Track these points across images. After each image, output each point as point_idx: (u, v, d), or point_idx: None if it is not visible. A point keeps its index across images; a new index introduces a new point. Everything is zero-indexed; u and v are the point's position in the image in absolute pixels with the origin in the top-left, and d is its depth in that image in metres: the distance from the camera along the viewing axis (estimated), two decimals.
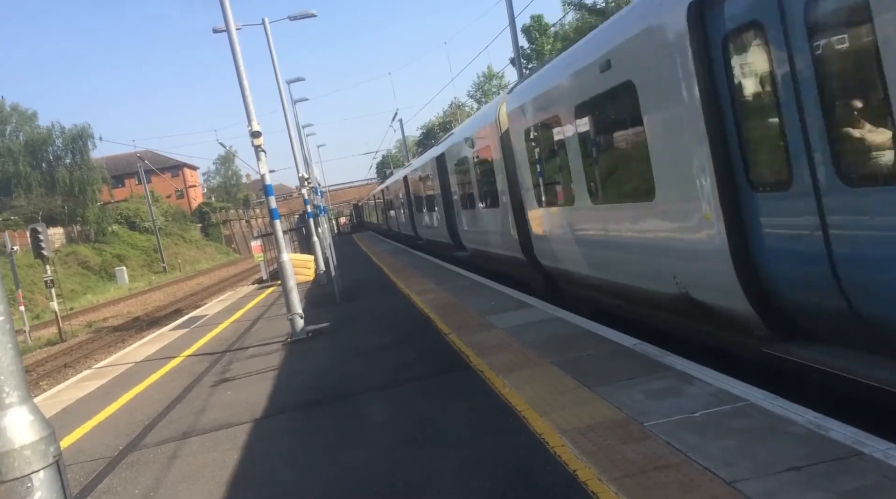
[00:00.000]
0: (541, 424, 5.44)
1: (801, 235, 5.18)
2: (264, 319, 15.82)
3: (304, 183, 20.56)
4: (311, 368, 9.50)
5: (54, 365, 20.11)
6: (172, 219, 72.78)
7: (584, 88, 8.52)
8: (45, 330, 29.68)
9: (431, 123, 76.21)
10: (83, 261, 52.33)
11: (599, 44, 8.06)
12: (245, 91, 11.87)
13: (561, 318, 9.33)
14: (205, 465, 6.12)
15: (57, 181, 57.15)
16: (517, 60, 24.73)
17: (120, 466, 6.54)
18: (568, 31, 46.25)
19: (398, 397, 7.19)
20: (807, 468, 3.93)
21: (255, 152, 11.92)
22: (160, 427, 7.68)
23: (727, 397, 5.26)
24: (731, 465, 4.14)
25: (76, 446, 7.48)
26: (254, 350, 11.65)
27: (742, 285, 5.83)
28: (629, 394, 5.73)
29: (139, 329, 25.42)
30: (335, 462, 5.62)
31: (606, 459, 4.58)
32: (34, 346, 25.94)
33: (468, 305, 11.73)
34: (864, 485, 3.67)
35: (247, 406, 7.84)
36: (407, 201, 31.23)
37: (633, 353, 6.99)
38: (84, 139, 59.15)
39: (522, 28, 48.36)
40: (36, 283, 37.59)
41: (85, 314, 34.72)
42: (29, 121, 59.90)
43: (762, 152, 5.69)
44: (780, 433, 4.46)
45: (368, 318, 12.93)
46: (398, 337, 10.32)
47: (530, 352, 7.75)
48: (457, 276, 16.62)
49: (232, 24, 11.99)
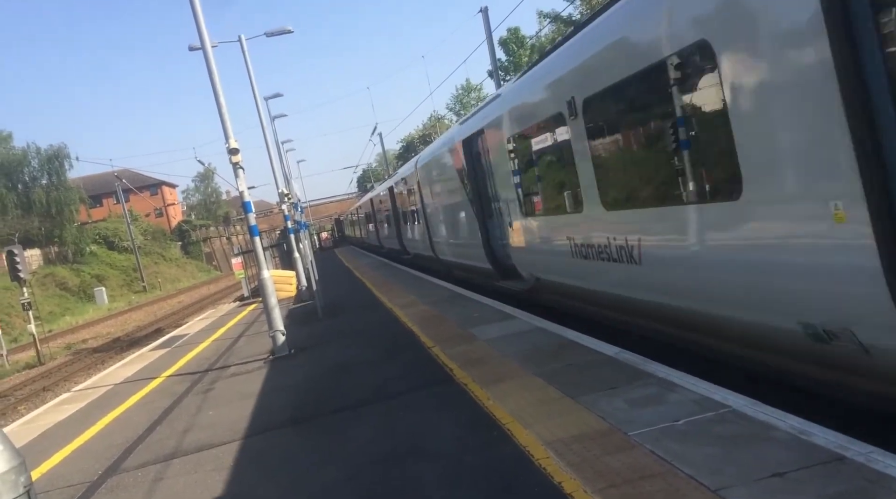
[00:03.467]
0: (525, 436, 5.42)
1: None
2: (246, 336, 15.67)
3: (284, 199, 20.49)
4: (293, 385, 9.40)
5: (32, 389, 19.79)
6: (152, 237, 72.20)
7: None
8: (23, 353, 29.22)
9: (411, 136, 76.31)
10: (61, 282, 51.68)
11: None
12: (222, 108, 11.80)
13: (543, 328, 9.33)
14: (187, 487, 6.02)
15: (33, 202, 56.53)
16: (495, 73, 24.91)
17: (99, 491, 6.41)
18: (545, 43, 46.58)
19: (382, 412, 7.13)
20: (791, 474, 3.94)
21: (234, 169, 11.85)
22: (140, 450, 7.56)
23: (709, 403, 5.27)
24: (715, 472, 4.14)
25: (54, 472, 7.34)
26: (235, 369, 11.52)
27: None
28: (612, 403, 5.73)
29: (119, 350, 25.09)
30: (318, 479, 5.55)
31: (591, 469, 4.56)
32: (12, 370, 25.51)
33: (451, 318, 11.70)
34: (847, 489, 3.68)
35: (229, 426, 7.74)
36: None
37: (616, 361, 6.99)
38: (60, 159, 58.69)
39: (500, 41, 48.63)
40: (13, 305, 37.07)
41: (64, 336, 34.24)
42: (3, 142, 59.23)
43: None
44: (763, 439, 4.47)
45: (351, 333, 12.86)
46: (381, 352, 10.26)
47: (513, 363, 7.73)
48: (438, 288, 16.59)
49: (207, 42, 11.94)
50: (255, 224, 12.32)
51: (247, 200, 12.17)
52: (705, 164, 5.99)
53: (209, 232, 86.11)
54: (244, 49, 21.03)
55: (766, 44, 4.83)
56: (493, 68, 24.78)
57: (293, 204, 22.29)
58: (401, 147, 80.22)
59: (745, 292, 5.49)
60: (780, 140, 4.88)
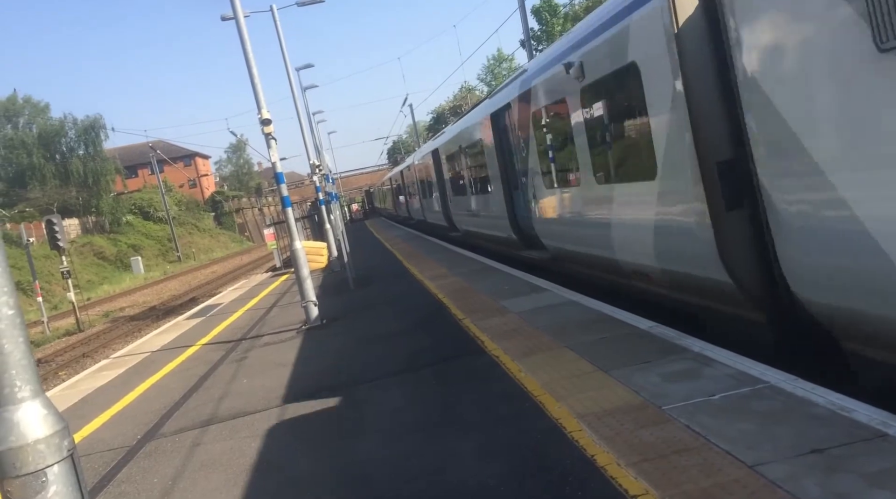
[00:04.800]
0: (557, 408, 5.40)
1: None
2: (279, 306, 15.86)
3: (315, 170, 20.54)
4: (325, 354, 9.51)
5: (72, 355, 20.31)
6: (186, 208, 73.17)
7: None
8: (63, 320, 29.99)
9: (442, 108, 75.87)
10: (99, 251, 52.79)
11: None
12: (254, 79, 11.81)
13: (575, 301, 9.27)
14: (223, 453, 6.14)
15: (71, 173, 57.56)
16: (527, 42, 24.52)
17: (138, 455, 6.58)
18: (578, 11, 45.71)
19: (413, 382, 7.17)
20: (830, 450, 3.87)
21: (266, 140, 11.89)
22: (178, 416, 7.73)
23: (746, 378, 5.19)
24: (752, 448, 4.08)
25: (95, 436, 7.54)
26: (268, 338, 11.68)
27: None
28: (646, 377, 5.67)
29: (155, 318, 25.61)
30: (353, 448, 5.62)
31: (625, 443, 4.53)
32: (52, 336, 26.21)
33: (481, 290, 11.68)
34: (890, 467, 3.60)
35: (263, 394, 7.86)
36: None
37: (649, 335, 6.92)
38: (96, 130, 59.51)
39: (532, 9, 47.94)
40: (53, 273, 38.02)
41: (102, 304, 35.04)
42: (41, 113, 60.31)
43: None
44: (801, 415, 4.39)
45: (382, 304, 12.93)
46: (412, 323, 10.30)
47: (545, 336, 7.70)
48: (469, 260, 16.57)
49: (240, 12, 11.92)
50: (287, 195, 12.39)
51: (279, 170, 12.23)
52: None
53: (241, 203, 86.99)
54: (276, 19, 20.97)
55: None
56: (525, 38, 24.41)
57: (324, 175, 22.33)
58: (431, 118, 79.87)
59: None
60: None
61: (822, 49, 4.65)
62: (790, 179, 5.26)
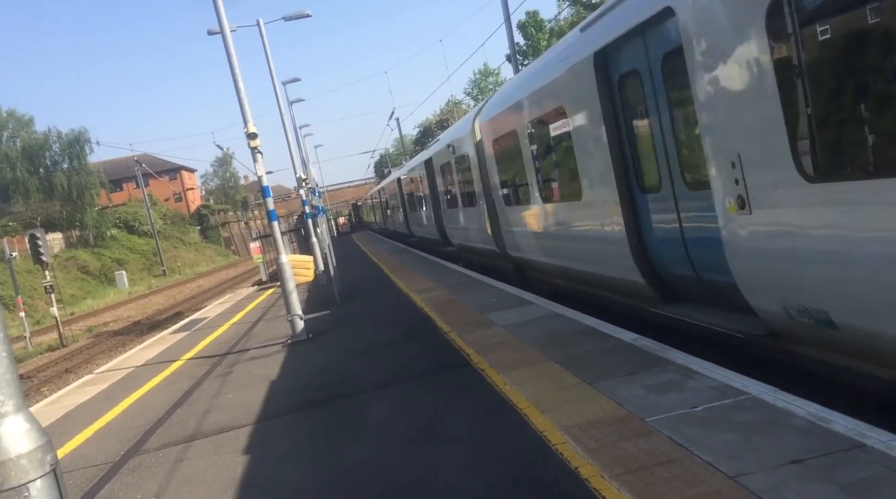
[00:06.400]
0: (542, 421, 5.43)
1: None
2: (264, 320, 15.80)
3: (301, 184, 20.53)
4: (311, 368, 9.48)
5: (55, 370, 20.08)
6: (171, 222, 72.71)
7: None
8: (46, 335, 29.65)
9: (428, 121, 76.07)
10: (83, 266, 52.30)
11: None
12: (241, 93, 11.84)
13: (560, 314, 9.32)
14: (207, 468, 6.10)
15: (55, 186, 57.05)
16: (513, 57, 24.72)
17: (122, 471, 6.52)
18: (563, 26, 46.14)
19: (399, 395, 7.18)
20: (810, 461, 3.92)
21: (252, 154, 11.89)
22: (161, 431, 7.67)
23: (729, 390, 5.25)
24: (733, 459, 4.13)
25: (78, 452, 7.47)
26: (254, 352, 11.63)
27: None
28: (630, 389, 5.72)
29: (140, 333, 25.40)
30: (338, 461, 5.61)
31: (608, 455, 4.56)
32: (35, 352, 25.90)
33: (467, 303, 11.71)
34: (867, 477, 3.65)
35: (248, 408, 7.83)
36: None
37: (633, 348, 6.98)
38: (81, 144, 59.10)
39: (518, 24, 48.31)
40: (36, 288, 37.58)
41: (85, 319, 34.70)
42: (25, 126, 59.79)
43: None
44: (782, 426, 4.45)
45: (368, 317, 12.92)
46: (398, 336, 10.30)
47: (530, 349, 7.74)
48: (454, 273, 16.61)
49: (226, 26, 11.95)
50: (273, 208, 12.38)
51: (265, 184, 12.23)
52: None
53: (227, 217, 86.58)
54: (262, 34, 21.01)
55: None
56: (511, 52, 24.60)
57: (311, 189, 22.32)
58: (418, 132, 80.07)
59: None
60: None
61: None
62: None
